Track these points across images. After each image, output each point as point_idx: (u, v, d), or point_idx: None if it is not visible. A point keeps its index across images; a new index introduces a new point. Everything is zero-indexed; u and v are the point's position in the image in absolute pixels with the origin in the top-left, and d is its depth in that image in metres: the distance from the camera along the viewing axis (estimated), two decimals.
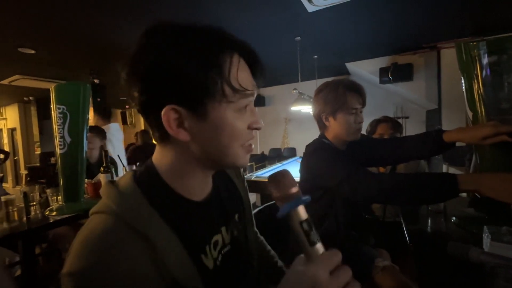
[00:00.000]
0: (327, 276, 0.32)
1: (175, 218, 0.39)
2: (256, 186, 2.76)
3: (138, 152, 3.44)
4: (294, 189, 0.36)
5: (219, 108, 0.38)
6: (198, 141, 0.40)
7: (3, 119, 6.95)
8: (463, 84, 0.96)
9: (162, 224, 0.37)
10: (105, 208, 0.37)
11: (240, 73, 0.39)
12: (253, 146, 0.44)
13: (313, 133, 1.16)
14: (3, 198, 1.43)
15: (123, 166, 2.16)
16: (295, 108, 3.48)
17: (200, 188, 0.46)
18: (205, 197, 0.47)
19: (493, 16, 2.61)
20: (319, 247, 0.36)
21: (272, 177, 0.37)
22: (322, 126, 1.10)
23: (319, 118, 1.09)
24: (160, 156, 0.43)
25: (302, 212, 0.35)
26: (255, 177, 2.94)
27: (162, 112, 0.37)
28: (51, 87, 1.50)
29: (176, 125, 0.38)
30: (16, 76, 3.96)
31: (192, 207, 0.43)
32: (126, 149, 5.75)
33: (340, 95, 1.01)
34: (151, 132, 0.43)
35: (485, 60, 0.87)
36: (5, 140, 7.03)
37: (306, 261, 0.35)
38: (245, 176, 0.68)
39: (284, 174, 0.37)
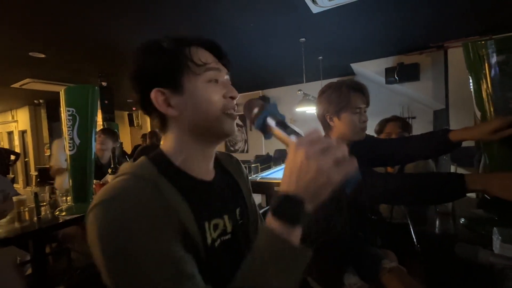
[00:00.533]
0: (308, 145, 0.37)
1: (180, 187, 0.47)
2: (261, 187, 2.76)
3: (146, 152, 3.50)
4: (259, 107, 0.45)
5: (190, 80, 0.49)
6: (185, 114, 0.49)
7: (14, 121, 7.13)
8: (471, 84, 0.94)
9: (168, 184, 0.45)
10: (122, 172, 0.46)
11: (199, 54, 0.50)
12: (237, 116, 0.53)
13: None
14: (14, 199, 1.47)
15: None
16: (300, 109, 3.48)
17: (201, 168, 0.53)
18: (207, 180, 0.54)
19: (502, 15, 2.56)
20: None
21: (244, 108, 0.48)
22: (326, 127, 1.10)
23: (323, 119, 1.09)
24: (165, 142, 0.53)
25: (272, 119, 0.44)
26: (260, 178, 2.95)
27: (152, 95, 0.48)
28: (61, 90, 1.54)
29: (165, 104, 0.49)
30: (27, 80, 4.06)
31: (195, 183, 0.51)
32: (133, 150, 5.83)
33: (344, 94, 1.01)
34: (157, 127, 0.53)
35: (493, 59, 0.86)
36: (16, 142, 7.21)
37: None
38: (250, 178, 0.69)
39: (250, 100, 0.48)
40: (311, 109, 3.55)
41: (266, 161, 5.25)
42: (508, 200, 0.67)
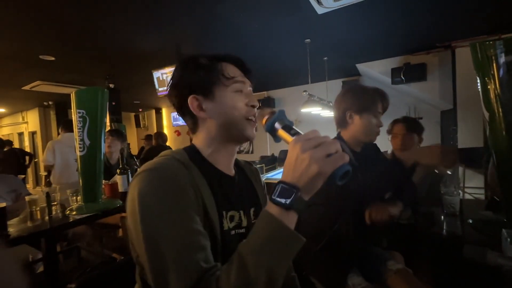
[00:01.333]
0: (304, 140, 0.42)
1: (206, 175, 0.55)
2: (266, 187, 2.76)
3: (153, 153, 3.55)
4: (269, 113, 0.51)
5: (220, 90, 0.58)
6: (214, 117, 0.58)
7: (25, 122, 7.29)
8: (478, 84, 0.94)
9: (197, 170, 0.54)
10: (163, 155, 0.55)
11: (228, 69, 0.60)
12: (256, 123, 0.60)
13: (324, 134, 1.17)
14: (27, 198, 1.51)
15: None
16: (305, 110, 3.47)
17: (224, 163, 0.61)
18: (230, 175, 0.62)
19: (510, 14, 2.51)
20: None
21: (257, 114, 0.58)
22: (342, 125, 1.12)
23: (343, 115, 1.10)
24: (195, 139, 0.62)
25: (279, 124, 0.50)
26: (265, 179, 2.96)
27: (188, 100, 0.58)
28: (72, 92, 1.57)
29: (198, 109, 0.59)
30: (37, 82, 4.16)
31: (219, 174, 0.59)
32: (140, 151, 5.90)
33: (371, 97, 1.06)
34: (189, 127, 0.64)
35: (501, 60, 0.85)
36: (26, 142, 7.37)
37: None
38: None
39: (262, 109, 0.56)
40: (316, 110, 3.54)
41: (271, 162, 5.25)
42: (427, 164, 0.88)
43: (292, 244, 0.42)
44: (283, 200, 0.42)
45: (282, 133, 0.49)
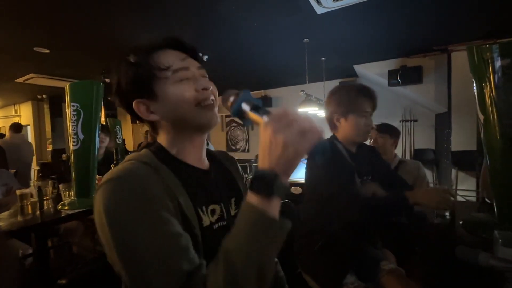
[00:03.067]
0: (275, 122, 0.39)
1: (178, 174, 0.51)
2: None
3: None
4: (234, 95, 0.47)
5: (160, 86, 0.52)
6: (165, 116, 0.54)
7: (17, 116, 7.15)
8: (474, 88, 0.95)
9: (167, 170, 0.50)
10: (127, 159, 0.51)
11: (163, 57, 0.53)
12: (211, 103, 0.54)
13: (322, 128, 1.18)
14: (17, 192, 1.48)
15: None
16: (302, 109, 3.48)
17: (194, 157, 0.57)
18: (203, 169, 0.59)
19: (506, 19, 2.55)
20: None
21: (221, 99, 0.50)
22: (333, 127, 1.13)
23: (331, 119, 1.12)
24: (160, 140, 0.58)
25: (246, 105, 0.46)
26: None
27: (134, 107, 0.53)
28: (66, 85, 1.55)
29: (147, 112, 0.54)
30: (31, 75, 4.08)
31: (192, 170, 0.56)
32: (138, 147, 5.85)
33: (353, 97, 1.05)
34: (150, 131, 0.60)
35: (497, 64, 0.86)
36: None
37: None
38: (250, 176, 0.72)
39: (226, 91, 0.49)
40: (313, 110, 3.55)
41: None
42: (428, 206, 0.86)
43: (278, 232, 0.40)
44: (262, 189, 0.39)
45: (251, 115, 0.45)
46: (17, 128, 4.12)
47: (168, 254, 0.41)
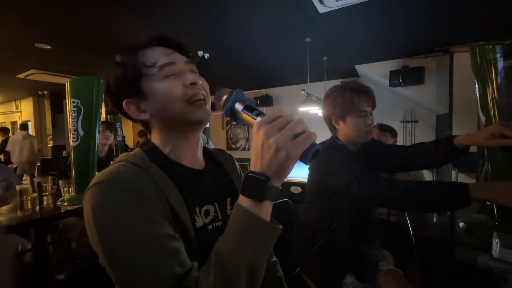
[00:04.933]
0: (267, 124, 0.39)
1: (170, 174, 0.49)
2: None
3: None
4: (227, 95, 0.46)
5: (147, 83, 0.51)
6: (155, 114, 0.52)
7: (18, 112, 7.16)
8: (476, 89, 0.94)
9: (159, 170, 0.48)
10: (118, 160, 0.50)
11: (149, 55, 0.52)
12: (201, 99, 0.53)
13: (320, 134, 1.16)
14: (17, 188, 1.48)
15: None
16: (303, 109, 3.47)
17: (189, 156, 0.56)
18: (198, 169, 0.57)
19: (508, 21, 2.54)
20: None
21: (214, 97, 0.49)
22: (332, 129, 1.11)
23: (329, 122, 1.10)
24: (153, 139, 0.56)
25: (239, 104, 0.45)
26: None
27: (124, 107, 0.52)
28: (67, 81, 1.54)
29: (137, 112, 0.53)
30: (32, 71, 4.08)
31: (185, 170, 0.54)
32: (136, 145, 5.87)
33: (348, 98, 1.01)
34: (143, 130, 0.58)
35: (500, 64, 0.86)
36: None
37: None
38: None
39: (218, 89, 0.48)
40: (314, 109, 3.54)
41: None
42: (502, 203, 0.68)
43: (270, 235, 0.41)
44: (254, 192, 0.39)
45: (244, 116, 0.44)
46: (23, 126, 5.06)
47: (158, 257, 0.40)
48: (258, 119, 0.42)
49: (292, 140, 0.37)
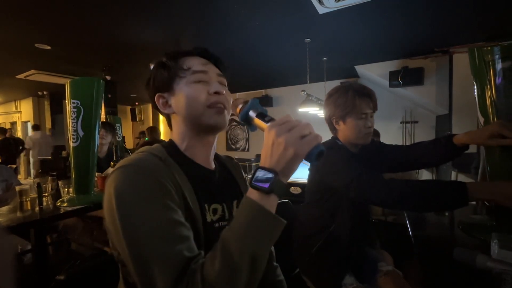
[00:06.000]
0: (278, 126, 0.44)
1: (185, 169, 0.54)
2: None
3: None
4: (243, 103, 0.51)
5: (179, 84, 0.58)
6: (178, 111, 0.59)
7: (18, 112, 7.16)
8: (475, 90, 0.95)
9: (175, 165, 0.53)
10: (139, 151, 0.54)
11: (188, 61, 0.59)
12: (221, 107, 0.58)
13: (321, 135, 1.17)
14: (17, 188, 1.48)
15: None
16: (302, 109, 3.48)
17: (202, 156, 0.61)
18: (209, 168, 0.62)
19: (508, 22, 2.55)
20: None
21: (231, 105, 0.56)
22: (333, 130, 1.11)
23: (330, 122, 1.10)
24: (172, 134, 0.63)
25: (253, 112, 0.50)
26: None
27: (155, 99, 0.61)
28: (67, 82, 1.55)
29: (163, 105, 0.60)
30: (32, 71, 4.08)
31: (198, 168, 0.59)
32: (136, 146, 5.88)
33: (350, 99, 1.02)
34: (168, 125, 0.64)
35: (498, 66, 0.86)
36: (19, 133, 7.24)
37: None
38: (250, 176, 0.73)
39: (235, 100, 0.55)
40: (313, 110, 3.55)
41: None
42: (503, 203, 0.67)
43: (274, 227, 0.43)
44: (263, 185, 0.42)
45: (257, 121, 0.49)
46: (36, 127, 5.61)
47: (170, 240, 0.43)
48: (270, 123, 0.46)
49: (300, 139, 0.42)
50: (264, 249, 0.43)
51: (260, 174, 0.43)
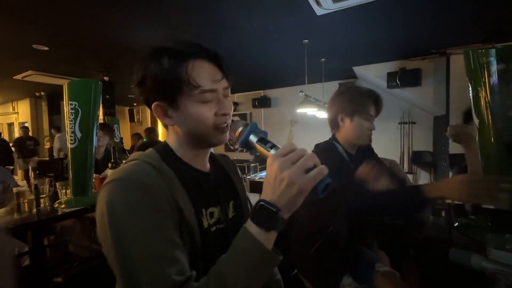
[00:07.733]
0: (281, 158, 0.42)
1: (180, 174, 0.53)
2: (260, 186, 2.77)
3: (146, 147, 3.56)
4: (242, 128, 0.50)
5: (185, 101, 0.52)
6: (179, 125, 0.55)
7: (15, 113, 7.12)
8: (470, 91, 0.95)
9: (170, 170, 0.52)
10: (132, 158, 0.53)
11: (197, 71, 0.51)
12: (226, 126, 0.55)
13: (318, 136, 1.18)
14: (14, 190, 1.48)
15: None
16: (301, 110, 3.48)
17: (197, 160, 0.59)
18: (204, 171, 0.60)
19: (505, 24, 2.57)
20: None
21: (229, 129, 0.55)
22: (335, 127, 1.12)
23: (334, 119, 1.11)
24: (168, 139, 0.60)
25: (254, 136, 0.49)
26: (259, 178, 2.96)
27: (152, 107, 0.54)
28: (64, 83, 1.54)
29: (163, 115, 0.55)
30: (29, 72, 4.06)
31: (193, 171, 0.57)
32: (132, 147, 5.88)
33: (364, 100, 1.06)
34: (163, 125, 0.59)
35: (493, 68, 0.87)
36: (16, 134, 7.20)
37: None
38: (249, 177, 0.73)
39: (233, 122, 0.54)
40: (312, 111, 3.55)
41: (265, 161, 5.24)
42: (460, 201, 0.72)
43: (270, 264, 0.44)
44: (263, 221, 0.42)
45: (258, 147, 0.48)
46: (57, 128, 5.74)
47: (159, 262, 0.42)
48: (272, 151, 0.45)
49: (304, 174, 0.40)
50: (257, 283, 0.43)
51: (262, 208, 0.41)
